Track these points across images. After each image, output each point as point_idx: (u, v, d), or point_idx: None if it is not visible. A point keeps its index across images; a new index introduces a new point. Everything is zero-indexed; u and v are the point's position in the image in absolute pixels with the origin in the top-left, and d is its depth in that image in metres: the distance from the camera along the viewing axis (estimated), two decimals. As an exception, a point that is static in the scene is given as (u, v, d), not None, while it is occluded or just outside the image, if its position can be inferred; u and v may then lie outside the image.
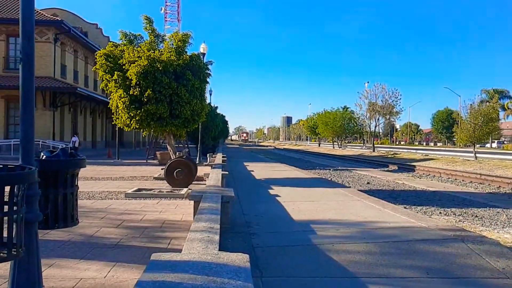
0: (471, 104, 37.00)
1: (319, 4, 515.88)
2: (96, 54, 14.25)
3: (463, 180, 22.92)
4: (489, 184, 20.82)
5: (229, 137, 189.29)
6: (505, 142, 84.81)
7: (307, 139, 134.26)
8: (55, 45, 32.24)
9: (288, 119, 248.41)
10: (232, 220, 7.72)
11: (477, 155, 34.61)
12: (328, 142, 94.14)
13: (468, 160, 32.57)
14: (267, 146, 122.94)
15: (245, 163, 26.49)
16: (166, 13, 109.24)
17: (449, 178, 24.37)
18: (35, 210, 3.07)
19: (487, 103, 46.49)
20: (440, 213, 12.44)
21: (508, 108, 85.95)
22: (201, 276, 2.91)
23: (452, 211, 12.73)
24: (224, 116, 56.81)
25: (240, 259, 3.31)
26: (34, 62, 3.08)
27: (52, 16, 33.63)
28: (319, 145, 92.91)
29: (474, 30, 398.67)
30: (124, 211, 8.66)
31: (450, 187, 20.45)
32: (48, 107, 31.03)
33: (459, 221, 11.26)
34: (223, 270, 3.05)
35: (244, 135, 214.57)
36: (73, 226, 3.98)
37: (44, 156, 3.67)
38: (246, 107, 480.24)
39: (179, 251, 3.82)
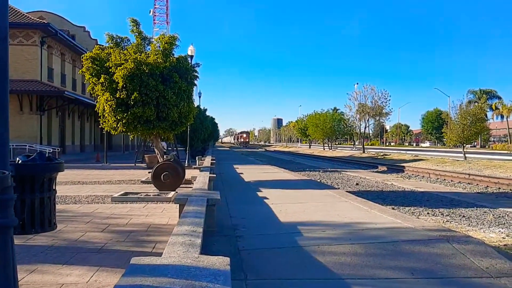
0: (460, 105, 37.28)
1: (307, 5, 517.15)
2: (82, 57, 14.15)
3: (452, 180, 23.07)
4: (477, 184, 20.97)
5: (220, 140, 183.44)
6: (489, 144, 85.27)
7: (298, 141, 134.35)
8: (42, 48, 31.98)
9: (279, 121, 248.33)
10: (218, 223, 7.68)
11: (467, 155, 34.86)
12: (318, 143, 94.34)
13: (458, 160, 32.78)
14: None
15: (235, 166, 26.45)
16: (155, 15, 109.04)
17: (438, 178, 24.50)
18: (10, 215, 3.01)
19: (476, 104, 46.91)
20: (428, 213, 12.50)
21: (497, 108, 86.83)
22: (180, 279, 2.87)
23: (440, 212, 12.79)
24: (214, 119, 56.76)
25: (220, 262, 3.28)
26: (8, 64, 3.02)
27: (38, 19, 33.36)
28: (310, 147, 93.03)
29: (462, 32, 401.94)
30: (110, 215, 8.59)
31: (439, 187, 20.57)
32: (35, 111, 30.77)
33: (446, 221, 11.32)
34: (202, 273, 3.02)
35: (244, 135, 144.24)
36: (50, 230, 3.92)
37: (20, 161, 3.62)
38: (236, 109, 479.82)
39: (162, 255, 3.79)
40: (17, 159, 3.70)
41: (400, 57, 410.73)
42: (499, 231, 10.21)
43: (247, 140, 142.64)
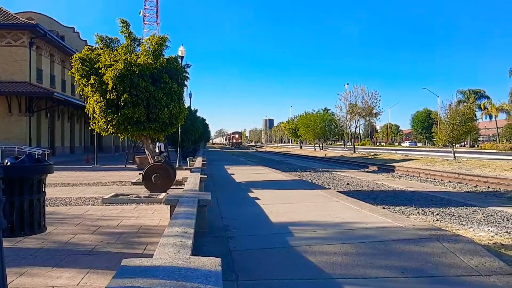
0: (449, 105, 37.54)
1: (307, 5, 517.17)
2: (72, 58, 14.06)
3: (441, 180, 23.22)
4: (466, 183, 21.13)
5: (211, 141, 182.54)
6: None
7: (289, 142, 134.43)
8: (31, 49, 31.68)
9: (270, 122, 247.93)
10: (210, 224, 7.66)
11: (456, 154, 35.12)
12: (309, 144, 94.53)
13: (447, 159, 33.03)
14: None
15: (226, 166, 26.43)
16: (145, 16, 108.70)
17: (428, 178, 24.66)
18: (-1, 217, 2.99)
19: (465, 103, 47.30)
20: (418, 213, 12.58)
21: (485, 108, 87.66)
22: (171, 281, 2.87)
23: (430, 211, 12.87)
24: (205, 120, 56.69)
25: (211, 263, 3.28)
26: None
27: (27, 20, 33.07)
28: (301, 147, 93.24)
29: (462, 32, 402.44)
30: (101, 217, 8.54)
31: (429, 187, 20.69)
32: (24, 113, 30.48)
33: (436, 220, 11.40)
34: (194, 274, 3.01)
35: (236, 136, 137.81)
36: (40, 233, 3.89)
37: (9, 162, 3.58)
38: (227, 110, 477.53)
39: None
40: (6, 161, 3.67)
41: (399, 57, 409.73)
42: (489, 229, 10.30)
43: (239, 140, 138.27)
